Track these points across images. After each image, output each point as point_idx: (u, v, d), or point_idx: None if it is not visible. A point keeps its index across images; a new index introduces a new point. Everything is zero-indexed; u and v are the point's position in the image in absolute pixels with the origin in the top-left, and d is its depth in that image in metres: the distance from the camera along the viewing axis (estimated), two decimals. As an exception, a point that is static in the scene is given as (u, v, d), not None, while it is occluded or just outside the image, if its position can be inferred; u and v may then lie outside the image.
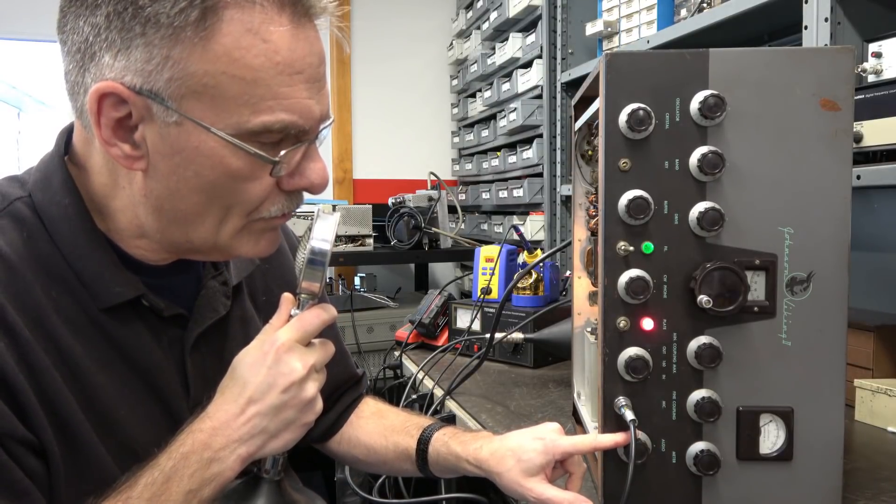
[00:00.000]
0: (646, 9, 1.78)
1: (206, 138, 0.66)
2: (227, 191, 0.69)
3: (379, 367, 1.91)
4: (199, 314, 0.82)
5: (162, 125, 0.66)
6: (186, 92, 0.64)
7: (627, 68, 0.77)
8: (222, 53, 0.63)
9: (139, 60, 0.63)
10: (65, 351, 0.69)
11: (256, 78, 0.64)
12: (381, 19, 3.46)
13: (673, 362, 0.79)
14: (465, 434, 0.97)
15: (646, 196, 0.77)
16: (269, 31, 0.64)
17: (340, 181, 3.47)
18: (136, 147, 0.67)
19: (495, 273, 1.71)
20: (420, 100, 3.58)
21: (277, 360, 0.71)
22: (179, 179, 0.68)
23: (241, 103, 0.65)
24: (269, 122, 0.66)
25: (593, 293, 1.05)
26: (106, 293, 0.73)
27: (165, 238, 0.74)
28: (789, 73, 0.76)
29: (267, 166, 0.69)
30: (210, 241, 0.72)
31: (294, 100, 0.67)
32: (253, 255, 0.76)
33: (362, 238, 2.61)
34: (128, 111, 0.66)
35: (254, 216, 0.72)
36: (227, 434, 0.69)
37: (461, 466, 0.92)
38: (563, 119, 2.29)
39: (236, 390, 0.71)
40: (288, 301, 0.76)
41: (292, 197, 0.74)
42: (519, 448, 0.85)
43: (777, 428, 0.79)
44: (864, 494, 0.89)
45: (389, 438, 1.02)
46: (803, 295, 0.78)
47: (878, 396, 1.14)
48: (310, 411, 0.74)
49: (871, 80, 1.09)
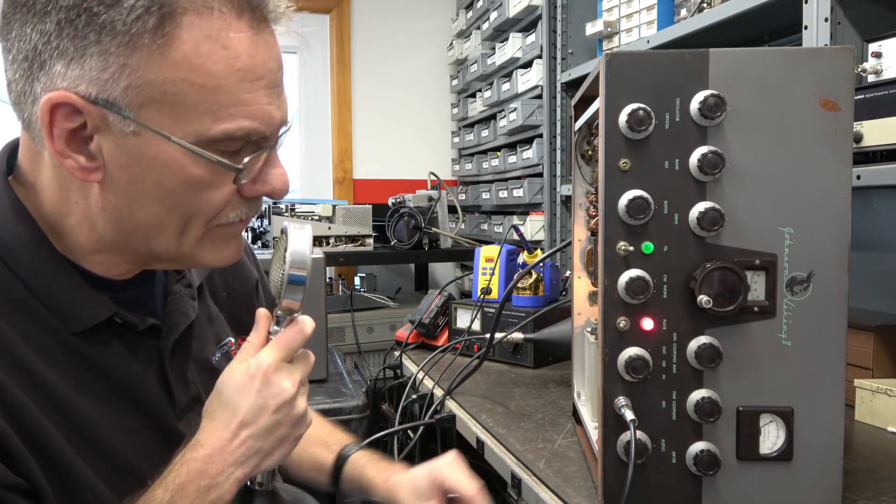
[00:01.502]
0: (646, 9, 1.78)
1: (165, 147, 0.64)
2: (188, 200, 0.67)
3: (379, 367, 1.91)
4: (172, 321, 0.80)
5: (119, 135, 0.64)
6: (145, 100, 0.62)
7: (627, 68, 0.77)
8: (182, 60, 0.62)
9: (94, 69, 0.61)
10: (41, 383, 0.67)
11: (217, 85, 0.63)
12: (380, 19, 3.46)
13: (673, 362, 0.79)
14: (381, 463, 1.00)
15: (646, 196, 0.77)
16: (229, 37, 0.63)
17: (340, 181, 3.47)
18: (92, 158, 0.65)
19: (495, 273, 1.71)
20: (420, 100, 3.58)
21: (266, 382, 0.70)
22: (138, 190, 0.66)
23: (202, 111, 0.63)
24: (231, 130, 0.65)
25: (593, 293, 1.05)
26: (78, 317, 0.71)
27: (127, 250, 0.72)
28: (789, 73, 0.76)
29: (229, 174, 0.67)
30: (172, 250, 0.71)
31: (255, 106, 0.66)
32: (218, 263, 0.75)
33: (362, 238, 2.61)
34: (82, 121, 0.63)
35: (213, 223, 0.71)
36: (222, 459, 0.69)
37: (371, 492, 0.98)
38: (563, 119, 2.29)
39: (227, 415, 0.70)
40: (265, 318, 0.76)
41: (252, 203, 0.73)
42: (413, 476, 0.94)
43: (777, 428, 0.79)
44: (864, 494, 0.89)
45: (307, 448, 1.03)
46: (803, 295, 0.77)
47: (878, 396, 1.14)
48: (302, 424, 0.74)
49: (871, 80, 1.09)
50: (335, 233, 2.56)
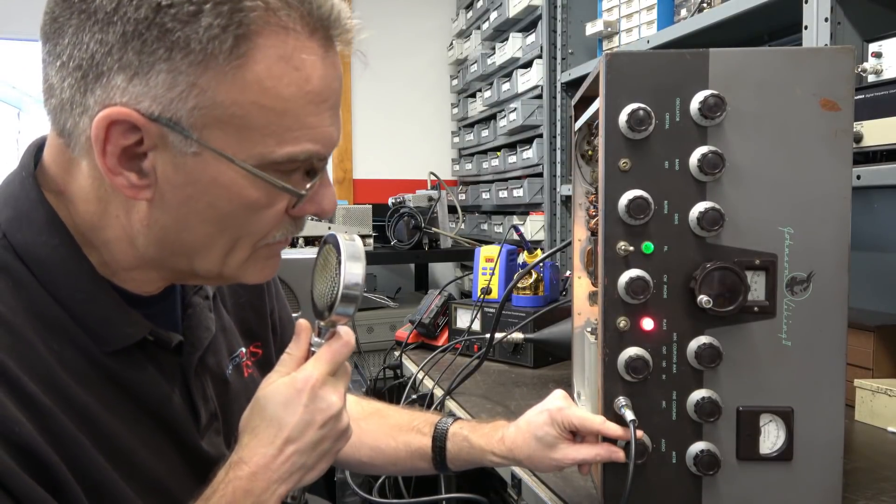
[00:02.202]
0: (646, 9, 1.78)
1: (225, 169, 0.62)
2: (241, 221, 0.65)
3: (379, 367, 1.91)
4: (195, 336, 0.77)
5: (177, 154, 0.61)
6: (210, 121, 0.60)
7: (627, 68, 0.77)
8: (253, 82, 0.59)
9: (160, 86, 0.58)
10: (80, 408, 0.64)
11: (286, 108, 0.61)
12: (381, 19, 3.46)
13: (673, 362, 0.79)
14: (480, 426, 0.97)
15: (646, 196, 0.77)
16: (302, 59, 0.61)
17: (340, 181, 3.47)
18: (144, 176, 0.62)
19: (495, 273, 1.71)
20: (420, 100, 3.58)
21: (314, 397, 0.69)
22: (190, 211, 0.64)
23: (267, 133, 0.61)
24: (295, 153, 0.63)
25: (593, 293, 1.05)
26: (114, 337, 0.68)
27: (165, 268, 0.70)
28: (789, 73, 0.76)
29: (284, 196, 0.65)
30: (215, 270, 0.69)
31: (320, 129, 0.64)
32: (258, 280, 0.73)
33: (362, 238, 2.61)
34: (139, 138, 0.60)
35: (260, 244, 0.69)
36: (266, 477, 0.67)
37: (486, 459, 0.93)
38: (563, 119, 2.29)
39: (272, 431, 0.68)
40: (307, 330, 0.74)
41: (298, 222, 0.71)
42: (533, 426, 0.87)
43: (777, 428, 0.79)
44: (864, 494, 0.89)
45: (399, 438, 1.00)
46: (803, 295, 0.77)
47: (878, 396, 1.14)
48: (344, 438, 0.73)
49: (871, 80, 1.09)
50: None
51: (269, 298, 0.94)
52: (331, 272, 0.71)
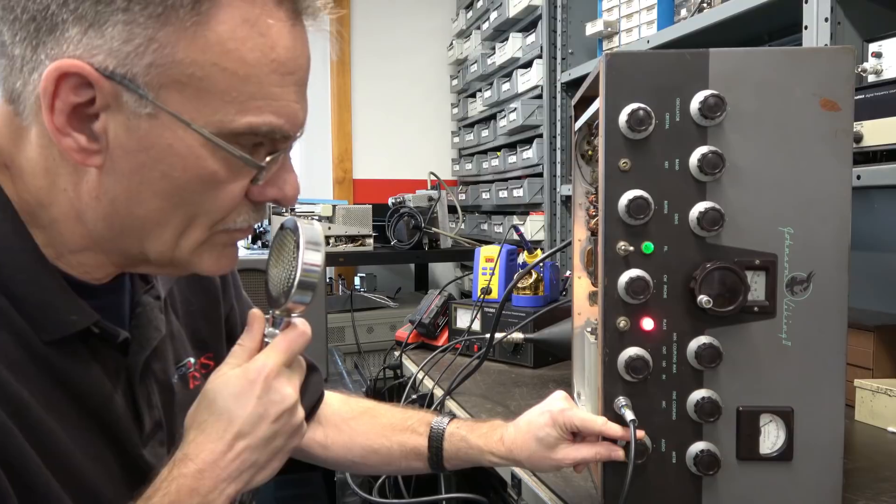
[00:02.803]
0: (646, 9, 1.78)
1: (183, 135, 0.58)
2: (196, 197, 0.61)
3: (379, 367, 1.91)
4: (143, 336, 0.72)
5: (131, 116, 0.57)
6: (167, 81, 0.57)
7: (627, 68, 0.77)
8: (215, 42, 0.57)
9: (116, 39, 0.55)
10: (14, 399, 0.59)
11: (249, 74, 0.58)
12: (381, 19, 3.46)
13: (673, 362, 0.79)
14: (478, 426, 0.95)
15: (646, 196, 0.77)
16: (268, 24, 0.59)
17: (340, 181, 3.48)
18: (94, 139, 0.58)
19: (495, 273, 1.71)
20: (420, 100, 3.58)
21: (268, 389, 0.65)
22: (142, 181, 0.59)
23: (229, 100, 0.58)
24: (257, 124, 0.60)
25: (593, 293, 1.05)
26: (57, 324, 0.63)
27: (114, 250, 0.65)
28: (789, 73, 0.76)
29: (244, 172, 0.62)
30: (168, 253, 0.64)
31: (284, 102, 0.61)
32: (214, 272, 0.69)
33: (362, 238, 2.61)
34: (91, 96, 0.56)
35: (217, 227, 0.65)
36: (214, 474, 0.63)
37: (485, 459, 0.92)
38: (563, 119, 2.29)
39: (221, 425, 0.64)
40: (259, 319, 0.69)
41: (259, 209, 0.67)
42: (534, 427, 0.86)
43: (777, 428, 0.79)
44: (864, 494, 0.89)
45: (392, 438, 0.98)
46: (803, 295, 0.77)
47: (878, 396, 1.14)
48: (298, 435, 0.69)
49: (871, 80, 1.09)
50: (335, 233, 2.56)
51: (223, 305, 0.89)
52: (288, 257, 0.68)
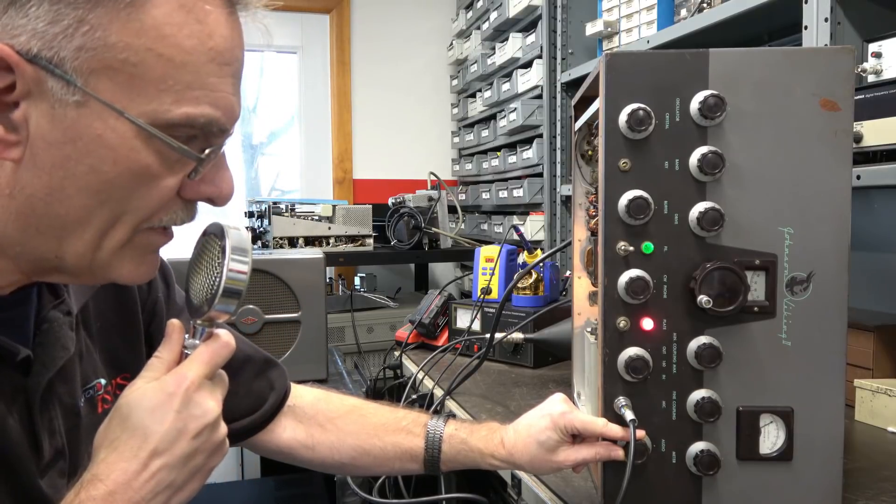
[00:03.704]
0: (646, 9, 1.78)
1: (114, 125, 0.54)
2: (125, 192, 0.57)
3: (379, 367, 1.91)
4: (47, 355, 0.66)
5: (56, 104, 0.53)
6: (98, 66, 0.52)
7: (627, 68, 0.77)
8: (151, 27, 0.53)
9: (41, 19, 0.51)
10: None
11: (186, 61, 0.55)
12: (380, 19, 3.46)
13: (673, 362, 0.79)
14: (476, 428, 0.93)
15: (646, 196, 0.77)
16: (205, 10, 0.56)
17: (340, 181, 3.47)
18: (13, 130, 0.53)
19: (495, 273, 1.71)
20: (420, 100, 3.58)
21: (187, 402, 0.60)
22: (66, 175, 0.54)
23: (164, 88, 0.54)
24: (194, 115, 0.56)
25: (593, 293, 1.05)
26: None
27: (25, 254, 0.58)
28: (789, 73, 0.76)
29: (178, 167, 0.58)
30: (87, 256, 0.59)
31: (221, 93, 0.58)
32: (133, 279, 0.63)
33: (362, 238, 2.61)
34: (10, 82, 0.52)
35: (143, 226, 0.60)
36: (127, 497, 0.57)
37: (486, 462, 0.90)
38: (563, 119, 2.29)
39: (135, 443, 0.58)
40: (179, 330, 0.64)
41: (189, 208, 0.63)
42: (534, 430, 0.85)
43: (777, 428, 0.79)
44: (864, 494, 0.89)
45: (385, 438, 0.95)
46: (803, 295, 0.77)
47: (878, 396, 1.14)
48: (219, 454, 0.63)
49: (871, 80, 1.09)
50: (335, 233, 2.56)
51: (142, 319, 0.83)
52: (212, 263, 0.64)
